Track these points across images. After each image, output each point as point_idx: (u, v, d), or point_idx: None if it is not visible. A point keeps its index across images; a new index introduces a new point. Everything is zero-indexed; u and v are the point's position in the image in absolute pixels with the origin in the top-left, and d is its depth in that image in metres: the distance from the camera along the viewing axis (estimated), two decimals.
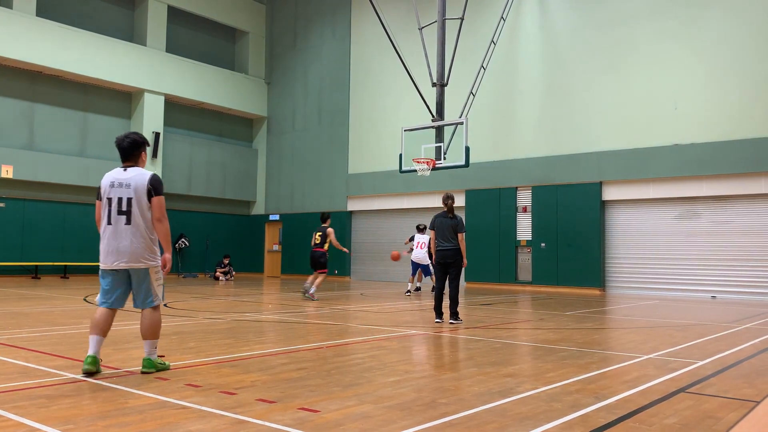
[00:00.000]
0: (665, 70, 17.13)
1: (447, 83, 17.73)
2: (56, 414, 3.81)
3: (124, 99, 22.95)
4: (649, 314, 11.44)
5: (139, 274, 5.12)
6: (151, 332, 5.16)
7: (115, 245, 5.05)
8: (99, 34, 21.60)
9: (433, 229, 9.44)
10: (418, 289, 16.23)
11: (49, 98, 20.99)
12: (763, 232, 15.85)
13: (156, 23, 23.23)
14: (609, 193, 18.09)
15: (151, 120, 22.69)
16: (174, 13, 24.24)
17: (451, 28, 18.37)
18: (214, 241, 25.05)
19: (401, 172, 17.52)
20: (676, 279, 17.00)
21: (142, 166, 5.28)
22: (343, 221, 23.67)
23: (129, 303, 5.37)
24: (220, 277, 21.60)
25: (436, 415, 3.94)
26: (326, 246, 13.74)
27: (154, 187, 5.14)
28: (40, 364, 5.45)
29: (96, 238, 5.74)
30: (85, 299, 12.37)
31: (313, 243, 13.95)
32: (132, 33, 23.35)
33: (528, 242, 19.32)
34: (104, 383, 4.69)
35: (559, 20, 19.22)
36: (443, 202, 9.54)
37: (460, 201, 20.80)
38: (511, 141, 19.83)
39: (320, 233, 13.85)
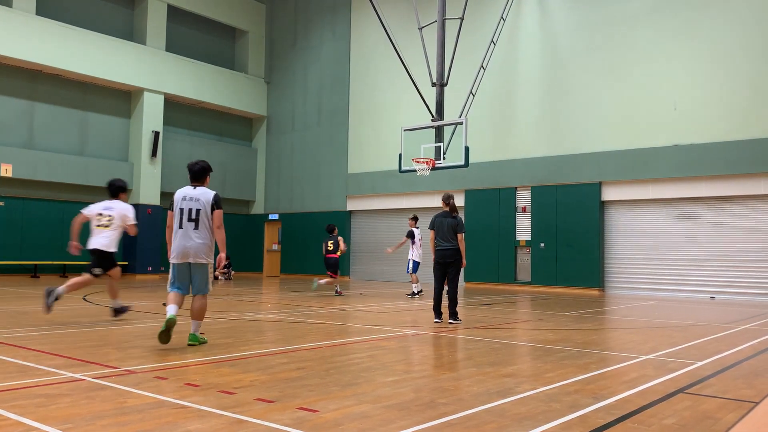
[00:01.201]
0: (665, 71, 17.14)
1: (447, 83, 17.73)
2: (55, 413, 3.81)
3: (124, 98, 22.94)
4: (648, 315, 11.45)
5: (199, 268, 6.53)
6: (200, 314, 6.63)
7: (184, 245, 6.43)
8: (99, 33, 21.58)
9: (433, 229, 9.43)
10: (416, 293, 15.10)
11: (49, 97, 20.98)
12: (762, 233, 15.85)
13: (156, 22, 23.22)
14: (608, 194, 18.09)
15: (150, 119, 22.68)
16: (174, 12, 24.23)
17: (451, 28, 18.38)
18: None
19: (401, 172, 17.53)
20: (675, 279, 17.00)
21: (207, 186, 6.68)
22: (342, 221, 23.67)
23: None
24: (219, 277, 21.59)
25: (434, 415, 3.94)
26: (338, 253, 14.76)
27: (216, 202, 6.58)
28: (39, 363, 5.45)
29: None
30: (84, 298, 12.36)
31: (325, 250, 14.84)
32: (132, 32, 23.33)
33: (527, 242, 19.32)
34: (103, 382, 4.69)
35: (559, 20, 19.22)
36: (444, 201, 9.52)
37: (459, 201, 20.80)
38: (510, 141, 19.84)
39: (332, 242, 14.80)
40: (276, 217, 26.08)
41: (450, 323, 9.15)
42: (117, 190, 9.12)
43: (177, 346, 6.56)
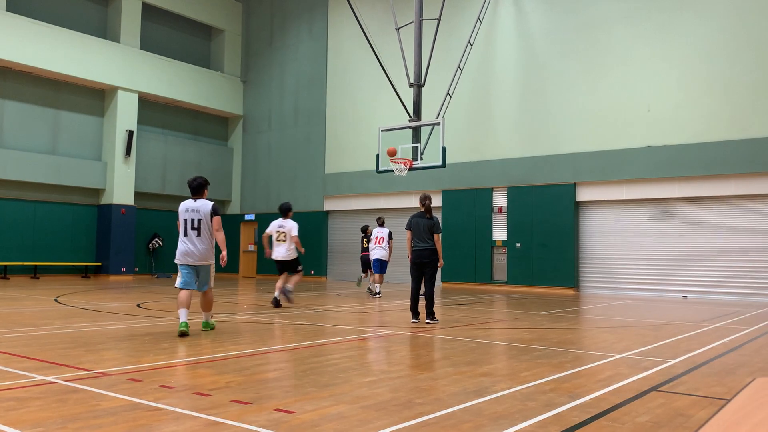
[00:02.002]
0: (639, 73, 17.38)
1: (424, 84, 17.77)
2: (25, 417, 3.74)
3: (97, 96, 22.61)
4: (622, 314, 11.59)
5: (203, 268, 7.72)
6: (208, 306, 7.92)
7: (190, 249, 7.58)
8: (71, 30, 21.23)
9: (410, 229, 9.44)
10: (376, 291, 14.75)
11: (19, 95, 20.58)
12: (733, 233, 16.15)
13: (130, 20, 22.91)
14: (583, 194, 18.29)
15: (124, 118, 22.38)
16: (149, 10, 23.94)
17: (428, 28, 18.43)
18: None
19: (378, 172, 17.52)
20: (648, 279, 17.25)
21: (205, 197, 7.76)
22: (319, 221, 23.61)
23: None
24: None
25: (411, 415, 3.95)
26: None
27: (215, 211, 7.73)
28: (9, 366, 5.34)
29: (67, 238, 6.12)
30: (56, 300, 12.16)
31: (363, 247, 15.78)
32: (105, 29, 23.00)
33: (503, 242, 19.45)
34: (75, 385, 4.62)
35: (535, 23, 19.39)
36: (420, 202, 9.56)
37: (437, 201, 20.87)
38: (487, 142, 19.95)
39: (366, 240, 15.70)
40: (252, 217, 25.91)
41: (427, 323, 9.18)
42: (286, 211, 11.68)
43: (151, 347, 6.48)
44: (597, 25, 18.17)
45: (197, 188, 7.72)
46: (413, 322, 9.30)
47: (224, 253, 7.65)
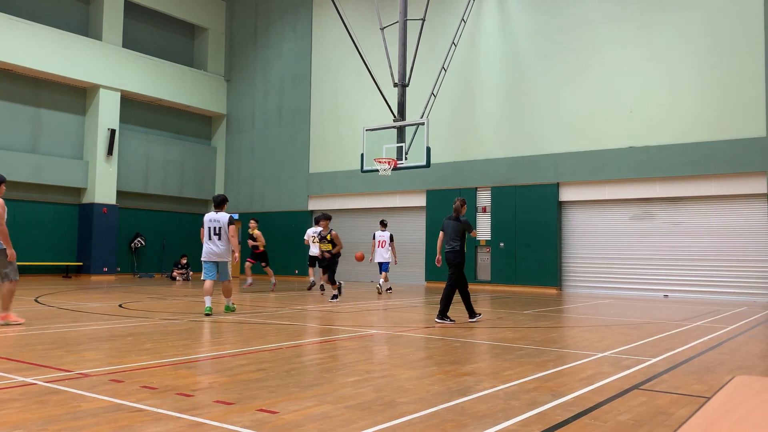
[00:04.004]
0: (621, 74, 17.53)
1: (408, 84, 17.80)
2: (4, 419, 3.69)
3: (79, 94, 22.37)
4: (603, 313, 11.69)
5: (222, 264, 9.97)
6: (228, 293, 10.24)
7: (213, 249, 9.88)
8: (52, 27, 21.00)
9: (442, 231, 9.75)
10: (389, 288, 16.27)
11: None
12: (712, 233, 16.35)
13: (112, 17, 22.70)
14: (566, 194, 18.42)
15: (106, 116, 22.16)
16: (131, 8, 23.73)
17: (413, 28, 18.46)
18: (171, 241, 24.62)
19: (363, 171, 17.52)
20: (630, 278, 17.41)
21: (225, 210, 9.97)
22: (304, 221, 23.56)
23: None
24: (177, 278, 21.26)
25: (395, 415, 3.95)
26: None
27: (231, 221, 9.98)
28: None
29: (48, 237, 6.03)
30: (36, 300, 12.01)
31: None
32: (87, 27, 22.76)
33: (487, 242, 19.53)
34: (56, 386, 4.57)
35: (519, 23, 19.48)
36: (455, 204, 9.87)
37: (420, 201, 20.93)
38: (471, 142, 20.02)
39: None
40: (236, 216, 25.68)
41: (436, 322, 9.39)
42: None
43: (133, 347, 6.43)
44: (580, 26, 18.30)
45: (219, 203, 10.05)
46: (470, 321, 9.52)
47: (237, 254, 10.29)
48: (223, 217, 9.94)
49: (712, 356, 6.61)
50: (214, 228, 9.87)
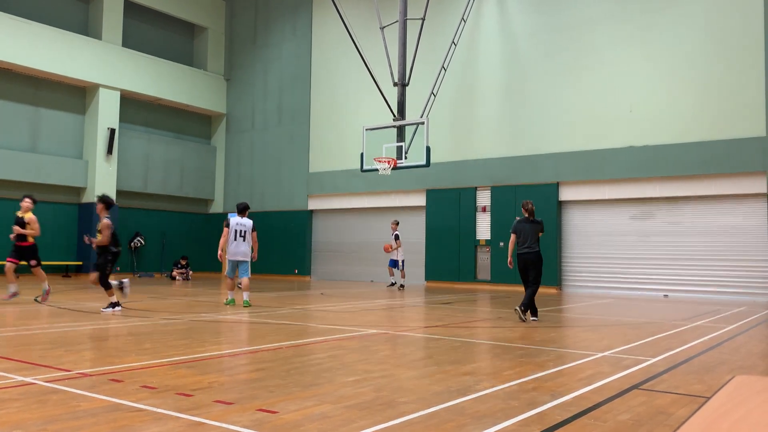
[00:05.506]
0: (621, 74, 17.52)
1: (408, 83, 17.80)
2: (4, 418, 3.69)
3: (78, 94, 22.36)
4: (603, 312, 11.69)
5: (243, 263, 11.34)
6: (247, 288, 11.35)
7: (238, 250, 11.24)
8: (52, 26, 20.98)
9: (515, 233, 9.78)
10: (394, 284, 18.04)
11: None
12: (712, 233, 16.35)
13: (112, 17, 22.68)
14: (565, 194, 18.41)
15: (106, 116, 22.15)
16: (131, 7, 23.72)
17: (413, 28, 18.45)
18: (170, 240, 24.61)
19: (362, 171, 17.52)
20: (630, 278, 17.41)
21: (246, 216, 11.49)
22: (304, 220, 23.55)
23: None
24: (177, 277, 21.25)
25: (395, 415, 3.95)
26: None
27: (253, 227, 11.49)
28: None
29: (47, 236, 5.92)
30: (36, 299, 12.00)
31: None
32: (87, 26, 22.75)
33: (487, 242, 19.53)
34: (55, 386, 4.56)
35: (518, 23, 19.48)
36: (524, 207, 9.82)
37: (420, 201, 20.93)
38: (471, 141, 20.02)
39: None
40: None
41: (533, 319, 9.65)
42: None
43: (133, 347, 6.43)
44: (580, 26, 18.29)
45: (243, 209, 11.57)
46: (522, 320, 9.59)
47: (255, 254, 11.70)
48: (248, 222, 11.43)
49: (712, 356, 6.60)
50: (241, 231, 11.30)
